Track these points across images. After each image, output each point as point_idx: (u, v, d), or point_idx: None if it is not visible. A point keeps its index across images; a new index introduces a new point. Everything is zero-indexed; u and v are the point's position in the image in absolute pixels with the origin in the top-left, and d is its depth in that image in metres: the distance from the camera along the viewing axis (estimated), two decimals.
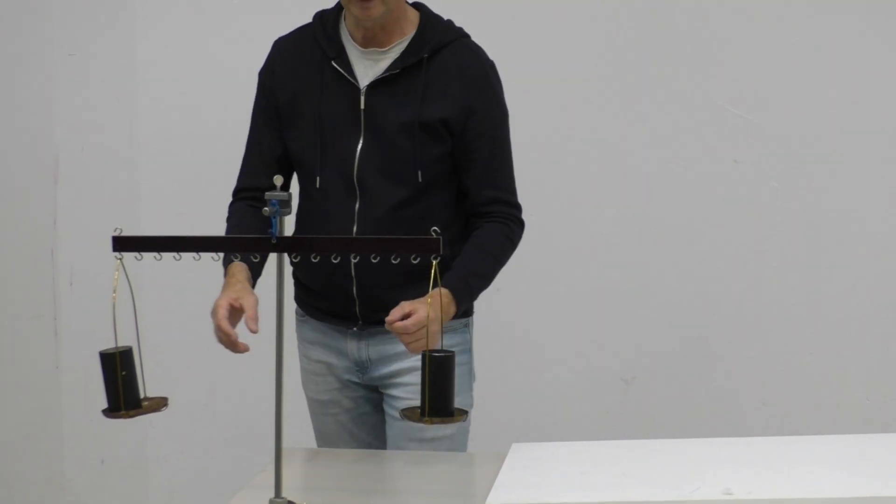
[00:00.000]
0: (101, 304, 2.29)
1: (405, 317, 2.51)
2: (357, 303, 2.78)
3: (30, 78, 3.99)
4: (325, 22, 2.79)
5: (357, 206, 2.74)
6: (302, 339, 2.94)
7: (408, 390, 2.79)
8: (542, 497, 2.39)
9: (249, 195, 2.82)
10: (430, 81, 2.74)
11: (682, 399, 3.99)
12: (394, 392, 2.84)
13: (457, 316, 2.76)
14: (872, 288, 3.92)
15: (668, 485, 2.41)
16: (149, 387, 2.36)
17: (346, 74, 2.74)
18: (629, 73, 3.90)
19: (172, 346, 4.01)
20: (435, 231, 2.16)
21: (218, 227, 2.82)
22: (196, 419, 4.05)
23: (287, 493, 2.24)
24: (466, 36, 2.81)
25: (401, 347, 2.63)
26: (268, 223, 2.52)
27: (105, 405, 2.26)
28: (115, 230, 2.23)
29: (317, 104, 2.76)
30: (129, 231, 2.25)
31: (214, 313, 2.57)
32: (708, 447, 2.69)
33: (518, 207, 2.84)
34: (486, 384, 3.36)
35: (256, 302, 2.58)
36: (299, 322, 2.95)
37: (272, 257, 2.25)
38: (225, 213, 2.91)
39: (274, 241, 2.19)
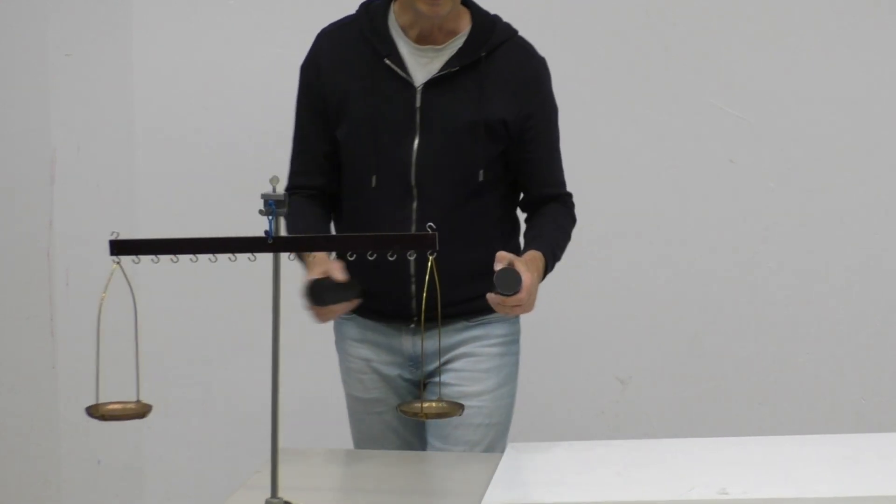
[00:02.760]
0: (97, 304, 2.30)
1: (503, 277, 2.53)
2: (414, 301, 2.77)
3: (27, 78, 3.99)
4: (373, 15, 2.75)
5: (414, 206, 2.74)
6: (345, 339, 2.92)
7: (459, 376, 2.85)
8: (537, 496, 2.40)
9: (305, 194, 2.81)
10: (488, 81, 2.74)
11: (678, 399, 3.99)
12: (444, 378, 2.83)
13: None
14: (867, 288, 3.94)
15: (664, 485, 2.42)
16: (144, 386, 2.38)
17: (400, 72, 2.71)
18: (623, 73, 3.91)
19: (169, 348, 4.02)
20: (431, 227, 2.17)
21: (214, 228, 2.80)
22: (192, 420, 4.06)
23: (283, 494, 2.25)
24: (517, 32, 2.81)
25: (457, 338, 2.79)
26: (327, 215, 2.55)
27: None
28: (111, 234, 2.25)
29: (369, 103, 2.73)
30: (126, 233, 2.27)
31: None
32: (703, 447, 2.70)
33: (571, 195, 2.92)
34: None
35: (342, 265, 2.60)
36: (342, 321, 2.91)
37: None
38: (222, 214, 2.92)
39: (270, 242, 2.20)
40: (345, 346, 2.92)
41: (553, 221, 2.84)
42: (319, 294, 2.59)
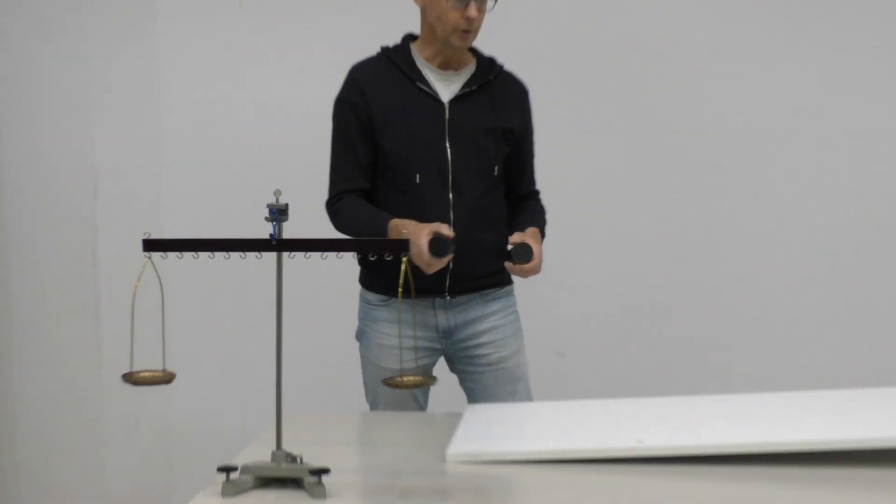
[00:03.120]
0: (132, 292, 2.28)
1: (519, 250, 2.72)
2: (448, 278, 2.82)
3: (75, 111, 4.01)
4: (398, 53, 2.84)
5: (450, 196, 2.79)
6: (378, 321, 2.90)
7: (493, 346, 2.92)
8: (490, 447, 2.38)
9: (353, 195, 2.83)
10: (497, 98, 2.86)
11: (609, 369, 3.98)
12: (480, 351, 2.91)
13: (506, 283, 2.93)
14: (787, 260, 3.94)
15: (593, 436, 2.41)
16: (170, 358, 2.38)
17: (430, 92, 2.79)
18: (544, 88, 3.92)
19: (191, 327, 4.01)
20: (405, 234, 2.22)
21: (228, 232, 2.78)
22: (211, 387, 4.05)
23: (287, 447, 2.23)
24: (503, 65, 2.94)
25: (480, 312, 2.88)
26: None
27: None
28: (144, 234, 2.22)
29: (409, 117, 2.78)
30: (155, 235, 2.25)
31: (418, 246, 2.62)
32: (627, 406, 2.69)
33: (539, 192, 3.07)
34: None
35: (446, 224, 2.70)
36: (374, 307, 2.91)
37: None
38: (235, 220, 2.91)
39: (273, 243, 2.18)
40: (377, 328, 2.89)
41: (539, 211, 2.99)
42: (441, 248, 2.63)
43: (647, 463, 2.26)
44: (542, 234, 2.89)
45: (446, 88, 2.82)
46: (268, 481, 2.19)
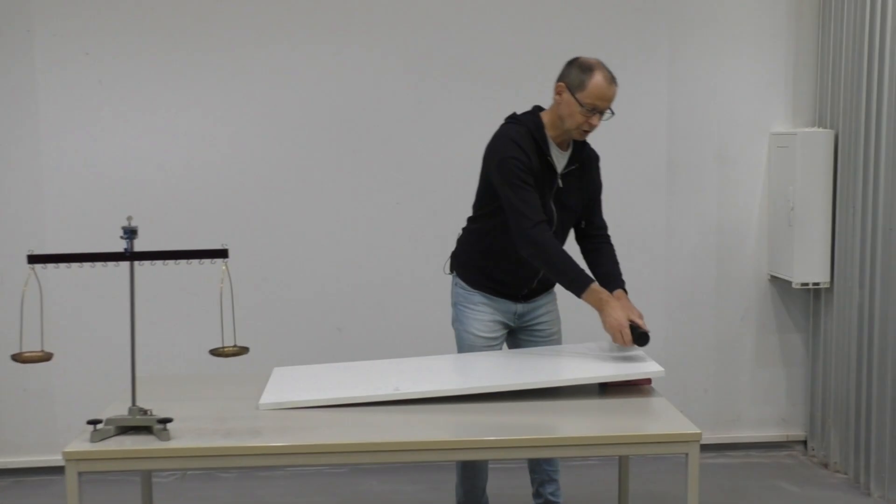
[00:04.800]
0: (20, 294, 2.43)
1: (641, 339, 2.81)
2: (527, 289, 3.09)
3: None
4: (536, 126, 2.96)
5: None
6: (474, 302, 3.11)
7: (547, 324, 3.18)
8: (291, 397, 2.65)
9: (546, 226, 2.92)
10: (585, 169, 3.06)
11: (380, 341, 4.14)
12: (539, 326, 3.18)
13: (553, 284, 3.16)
14: None
15: (364, 387, 2.69)
16: (50, 342, 2.54)
17: (553, 164, 2.98)
18: None
19: (66, 319, 4.03)
20: None
21: (102, 247, 2.89)
22: (94, 357, 4.07)
23: (140, 403, 2.45)
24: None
25: (542, 302, 3.14)
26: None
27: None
28: (28, 251, 2.43)
29: (540, 179, 2.95)
30: (38, 250, 2.40)
31: (621, 331, 2.78)
32: (388, 365, 2.94)
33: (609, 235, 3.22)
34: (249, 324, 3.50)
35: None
36: (470, 292, 3.12)
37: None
38: (108, 236, 2.92)
39: (127, 255, 2.36)
40: (473, 306, 3.13)
41: (616, 262, 3.13)
42: (643, 339, 2.77)
43: (402, 404, 2.60)
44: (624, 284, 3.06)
45: (560, 161, 3.01)
46: (126, 429, 2.41)
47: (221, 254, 2.42)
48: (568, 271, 2.85)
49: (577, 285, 2.84)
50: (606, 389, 2.77)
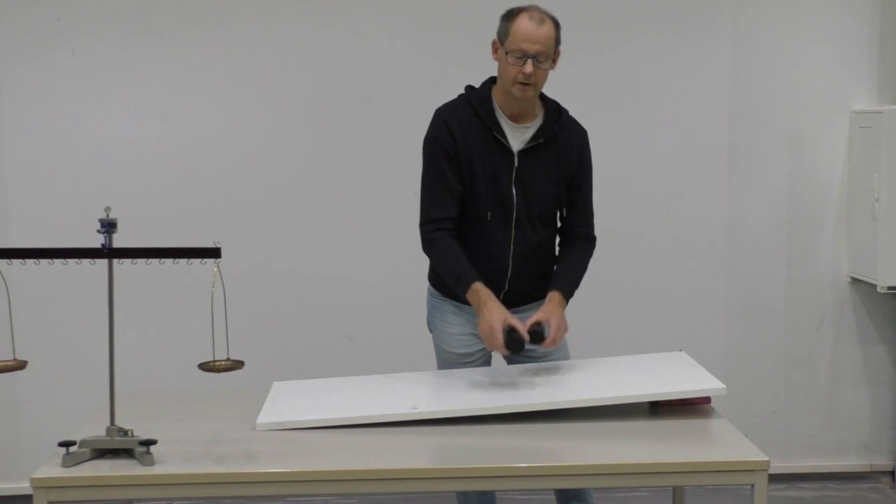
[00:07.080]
0: None
1: (535, 336, 2.83)
2: (504, 297, 3.00)
3: None
4: (480, 100, 2.97)
5: (513, 232, 3.00)
6: (445, 313, 3.12)
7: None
8: (292, 417, 2.64)
9: (445, 224, 2.97)
10: (560, 150, 3.02)
11: (395, 352, 4.09)
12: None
13: None
14: None
15: (376, 405, 2.69)
16: (22, 350, 2.53)
17: (504, 142, 2.97)
18: None
19: (39, 323, 4.08)
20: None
21: (75, 242, 2.88)
22: (67, 369, 4.11)
23: (119, 422, 2.45)
24: (566, 110, 3.07)
25: (530, 313, 2.93)
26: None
27: None
28: None
29: (486, 163, 2.95)
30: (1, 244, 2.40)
31: (492, 335, 2.81)
32: (405, 380, 2.95)
33: (594, 237, 3.16)
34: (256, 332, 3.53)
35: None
36: (442, 301, 3.12)
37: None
38: (81, 231, 2.99)
39: (105, 251, 2.39)
40: (445, 318, 3.13)
41: (577, 263, 3.09)
42: (516, 345, 2.81)
43: (421, 424, 2.60)
44: (571, 293, 3.03)
45: (517, 139, 2.97)
46: (103, 452, 2.41)
47: (213, 253, 2.41)
48: (455, 269, 2.94)
49: (462, 285, 2.93)
50: (658, 409, 2.76)
